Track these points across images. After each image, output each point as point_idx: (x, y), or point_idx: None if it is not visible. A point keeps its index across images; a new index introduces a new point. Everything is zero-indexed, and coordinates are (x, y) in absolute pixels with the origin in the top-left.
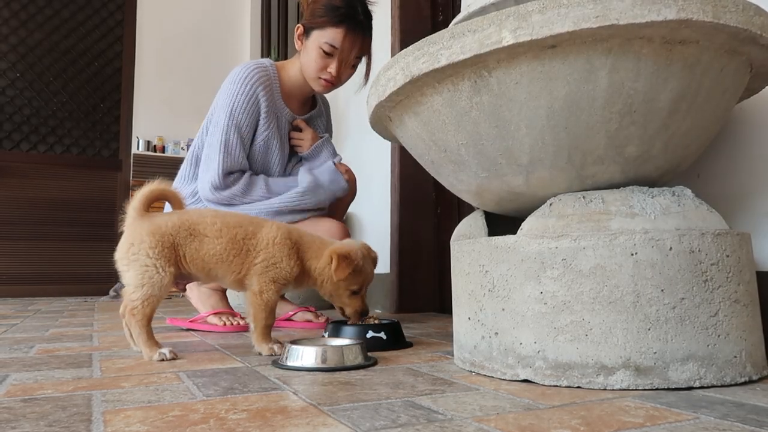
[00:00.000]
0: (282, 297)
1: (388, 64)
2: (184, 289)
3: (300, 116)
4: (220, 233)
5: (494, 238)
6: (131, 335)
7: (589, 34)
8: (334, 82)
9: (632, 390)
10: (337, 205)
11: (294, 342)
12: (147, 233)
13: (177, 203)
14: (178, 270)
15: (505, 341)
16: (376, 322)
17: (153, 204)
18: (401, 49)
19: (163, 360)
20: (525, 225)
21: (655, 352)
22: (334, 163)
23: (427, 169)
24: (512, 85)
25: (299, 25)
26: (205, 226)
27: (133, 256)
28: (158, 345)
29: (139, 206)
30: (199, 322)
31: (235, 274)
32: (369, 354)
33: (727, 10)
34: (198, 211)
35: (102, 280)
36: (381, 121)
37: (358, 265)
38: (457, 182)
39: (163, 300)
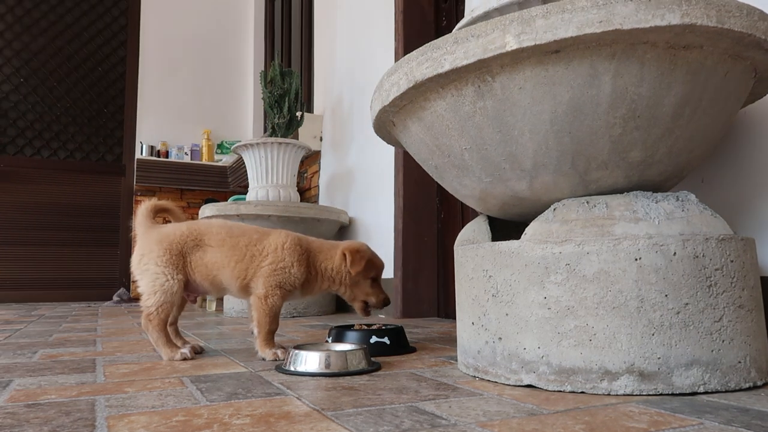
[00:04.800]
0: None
1: (392, 69)
2: (194, 300)
3: None
4: (222, 242)
5: (498, 243)
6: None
7: (592, 39)
8: None
9: (636, 395)
10: None
11: (298, 347)
12: (155, 242)
13: (175, 216)
14: (187, 277)
15: (509, 346)
16: (380, 327)
17: (158, 215)
18: (405, 54)
19: (185, 359)
20: (529, 230)
21: (659, 358)
22: None
23: (430, 174)
24: (516, 90)
25: None
26: (210, 236)
27: (144, 266)
28: (177, 346)
29: (143, 220)
30: None
31: (240, 280)
32: (373, 359)
33: (731, 15)
34: (207, 222)
35: (106, 285)
36: (384, 126)
37: (370, 254)
38: (460, 187)
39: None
